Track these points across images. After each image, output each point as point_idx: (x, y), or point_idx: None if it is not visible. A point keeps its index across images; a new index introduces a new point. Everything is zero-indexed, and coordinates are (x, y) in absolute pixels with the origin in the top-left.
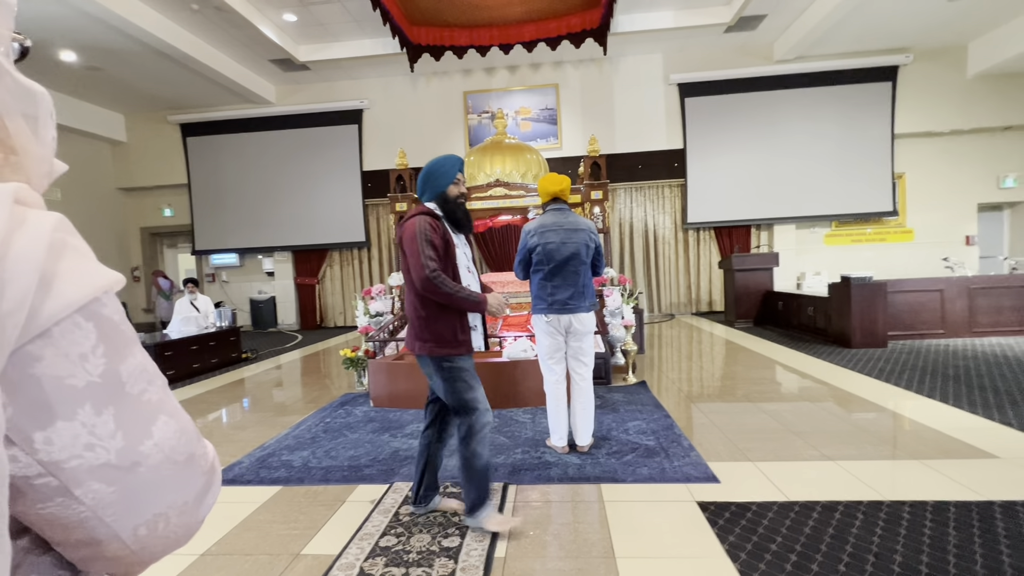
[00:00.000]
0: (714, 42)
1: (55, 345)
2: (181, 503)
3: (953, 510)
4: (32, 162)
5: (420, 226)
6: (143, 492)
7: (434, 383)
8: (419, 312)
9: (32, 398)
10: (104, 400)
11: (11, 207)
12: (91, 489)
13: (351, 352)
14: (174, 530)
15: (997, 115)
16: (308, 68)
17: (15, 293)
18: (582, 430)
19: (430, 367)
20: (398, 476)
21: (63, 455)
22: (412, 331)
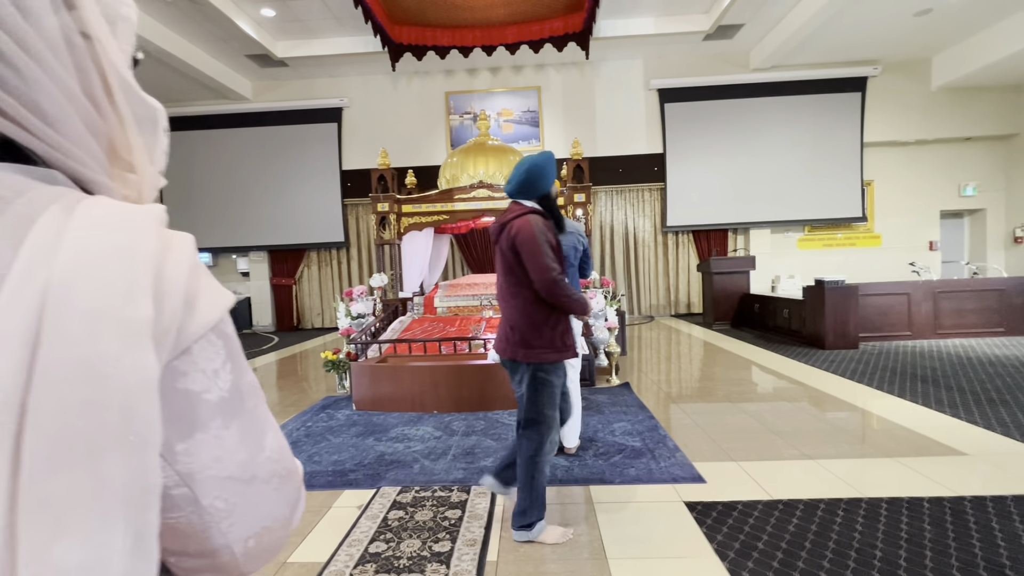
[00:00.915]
0: (693, 49)
1: (195, 361)
2: (283, 515)
3: (927, 506)
4: (145, 178)
5: (537, 226)
6: (257, 504)
7: (520, 388)
8: (531, 317)
9: (176, 411)
10: (231, 414)
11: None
12: (216, 500)
13: (332, 354)
14: (274, 542)
15: (959, 126)
16: (286, 64)
17: (168, 313)
18: (569, 432)
19: (523, 373)
20: (385, 480)
21: (197, 466)
22: (515, 336)
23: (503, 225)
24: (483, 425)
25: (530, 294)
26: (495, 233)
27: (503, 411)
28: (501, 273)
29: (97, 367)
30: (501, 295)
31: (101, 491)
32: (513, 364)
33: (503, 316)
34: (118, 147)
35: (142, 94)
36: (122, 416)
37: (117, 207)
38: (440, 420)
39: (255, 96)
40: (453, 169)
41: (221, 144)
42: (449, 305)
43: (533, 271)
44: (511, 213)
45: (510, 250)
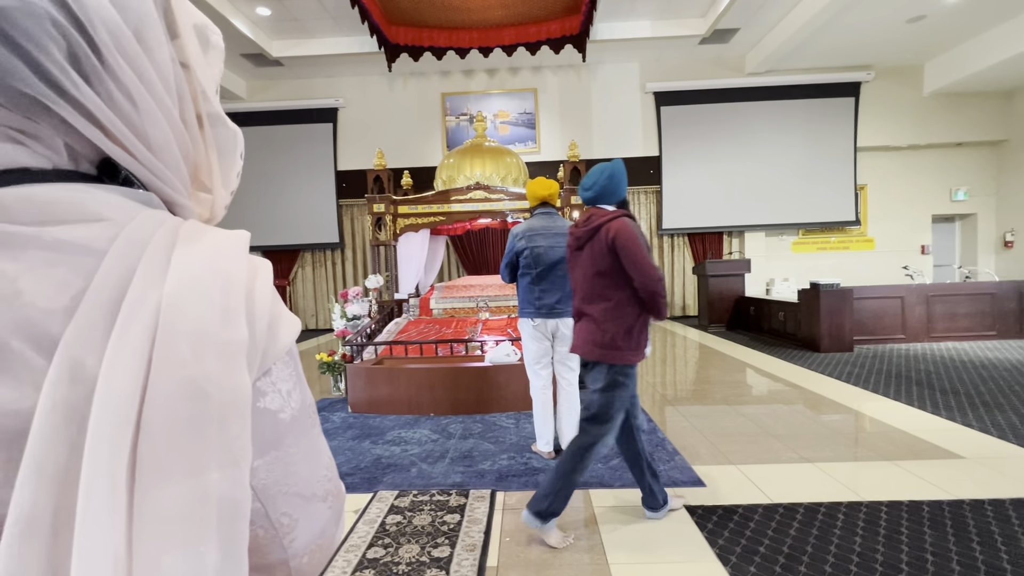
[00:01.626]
0: (689, 53)
1: (274, 382)
2: (331, 532)
3: (927, 509)
4: (218, 199)
5: (637, 229)
6: (314, 520)
7: (596, 393)
8: (626, 319)
9: (257, 429)
10: (299, 433)
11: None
12: (282, 516)
13: (327, 356)
14: (322, 557)
15: (950, 132)
16: (281, 64)
17: (258, 335)
18: (568, 435)
19: (603, 373)
20: (382, 484)
21: (270, 481)
22: (604, 338)
23: (596, 228)
24: (480, 428)
25: (624, 296)
26: (584, 236)
27: (500, 413)
28: (587, 276)
29: (201, 386)
30: (586, 297)
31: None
32: (593, 365)
33: (588, 318)
34: (200, 170)
35: (227, 120)
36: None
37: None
38: (437, 423)
39: (250, 96)
40: (449, 170)
41: None
42: (445, 307)
43: (637, 272)
44: (600, 216)
45: (608, 252)
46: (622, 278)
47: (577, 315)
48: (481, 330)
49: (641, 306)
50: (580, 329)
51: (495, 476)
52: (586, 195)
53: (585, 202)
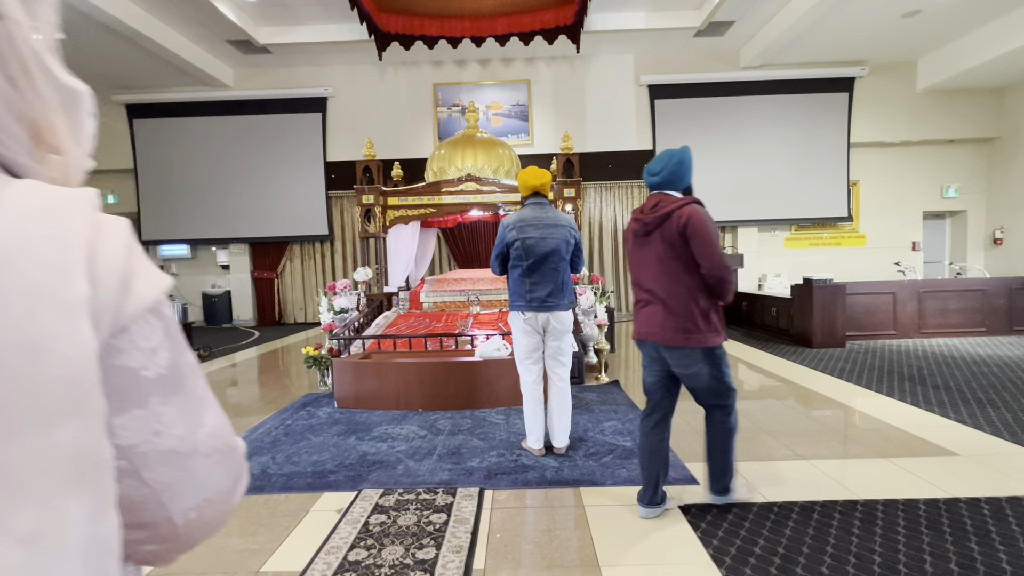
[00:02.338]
0: (684, 46)
1: (132, 340)
2: (225, 489)
3: (923, 508)
4: (71, 160)
5: (707, 216)
6: (197, 477)
7: (697, 373)
8: (699, 303)
9: (114, 387)
10: (170, 391)
11: (94, 214)
12: (156, 472)
13: (314, 350)
14: (215, 515)
15: (943, 128)
16: (269, 51)
17: (105, 292)
18: (559, 432)
19: (696, 358)
20: (367, 483)
21: (136, 440)
22: (682, 323)
23: (666, 214)
24: (469, 424)
25: (695, 282)
26: (653, 223)
27: (490, 409)
28: (658, 261)
29: (37, 342)
30: (656, 284)
31: (54, 459)
32: (680, 351)
33: (660, 304)
34: (42, 129)
35: (62, 76)
36: (66, 388)
37: (47, 190)
38: (425, 419)
39: (236, 84)
40: (440, 162)
41: (201, 133)
42: (436, 300)
43: (706, 258)
44: (670, 203)
45: (679, 237)
46: (693, 263)
47: (643, 302)
48: (472, 324)
49: (709, 291)
50: (651, 316)
51: (484, 474)
52: (653, 180)
53: (651, 187)
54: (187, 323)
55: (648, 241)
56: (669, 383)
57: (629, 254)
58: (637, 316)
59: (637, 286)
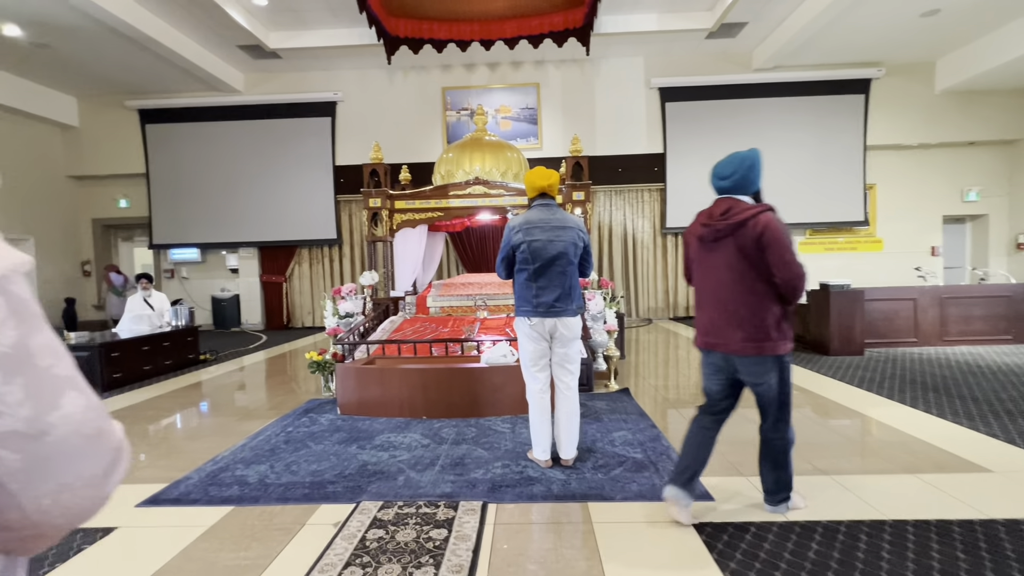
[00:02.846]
0: (695, 48)
1: None
2: (88, 475)
3: (957, 530)
4: None
5: (783, 224)
6: (49, 461)
7: (768, 382)
8: (773, 311)
9: None
10: (13, 369)
11: None
12: (1, 454)
13: (317, 355)
14: (79, 502)
15: (962, 130)
16: (279, 56)
17: None
18: (567, 442)
19: (769, 367)
20: (366, 494)
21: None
22: (759, 332)
23: (741, 222)
24: (474, 433)
25: (768, 288)
26: (725, 229)
27: (495, 417)
28: (728, 268)
29: None
30: (727, 290)
31: None
32: (752, 360)
33: (732, 314)
34: None
35: None
36: None
37: None
38: (429, 426)
39: (247, 89)
40: (448, 165)
41: (212, 137)
42: (442, 305)
43: (783, 267)
44: (743, 209)
45: (754, 246)
46: (767, 271)
47: (709, 309)
48: (478, 329)
49: (780, 297)
50: (721, 324)
51: (487, 486)
52: (722, 184)
53: (720, 192)
54: (194, 327)
55: (717, 247)
56: (733, 391)
57: (690, 259)
58: (701, 324)
59: (701, 292)
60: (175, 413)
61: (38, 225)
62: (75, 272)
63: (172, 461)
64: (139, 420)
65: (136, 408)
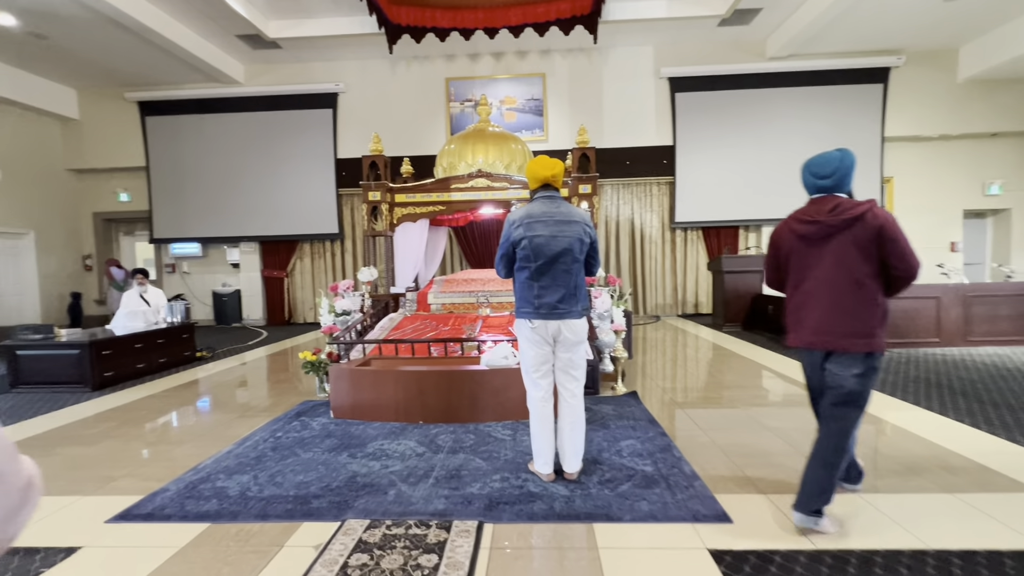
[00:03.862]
0: (707, 36)
1: None
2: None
3: (1010, 563)
4: None
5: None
6: None
7: (858, 376)
8: (880, 307)
9: None
10: None
11: None
12: None
13: (312, 355)
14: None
15: (985, 121)
16: (279, 46)
17: None
18: (571, 454)
19: (865, 361)
20: (352, 511)
21: None
22: (862, 327)
23: (856, 217)
24: (472, 440)
25: (875, 283)
26: (839, 225)
27: (495, 423)
28: (839, 264)
29: None
30: (840, 288)
31: None
32: (849, 355)
33: (839, 309)
34: None
35: None
36: None
37: None
38: (425, 432)
39: (247, 80)
40: (450, 157)
41: (211, 129)
42: (444, 302)
43: (902, 258)
44: (852, 205)
45: (873, 240)
46: (876, 266)
47: (811, 307)
48: (480, 328)
49: (887, 289)
50: (826, 321)
51: (484, 503)
52: (823, 183)
53: (818, 190)
54: (190, 323)
55: (827, 244)
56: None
57: (784, 259)
58: (806, 322)
59: (803, 291)
60: (163, 415)
61: (38, 219)
62: (76, 266)
63: (152, 469)
64: (126, 423)
65: (124, 409)
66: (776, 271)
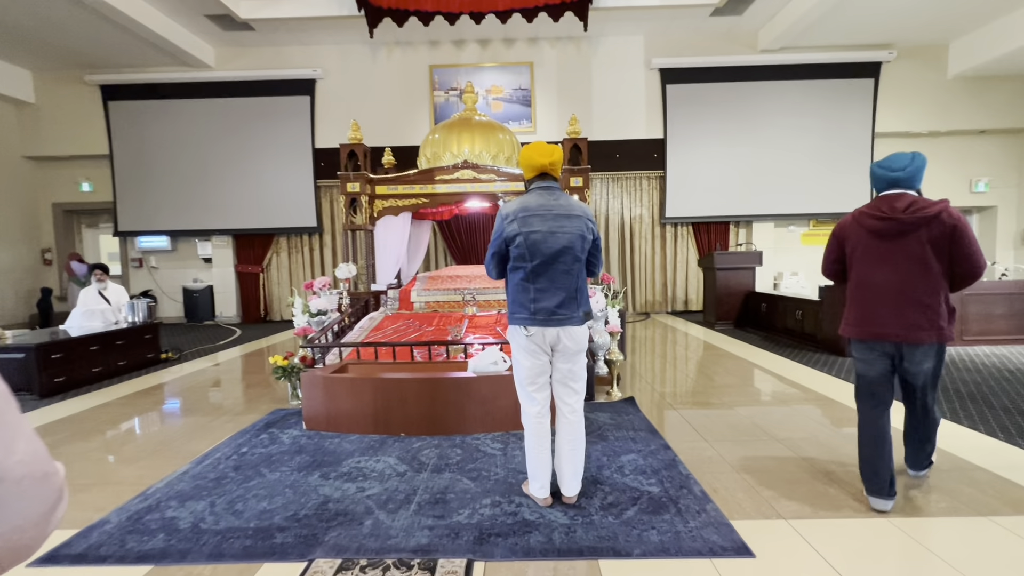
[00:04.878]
0: (699, 26)
1: None
2: (37, 516)
3: None
4: None
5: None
6: (6, 505)
7: (931, 366)
8: (947, 300)
9: None
10: None
11: None
12: None
13: (283, 360)
14: (27, 543)
15: (974, 118)
16: (252, 28)
17: None
18: (570, 477)
19: (936, 352)
20: (321, 548)
21: None
22: (939, 321)
23: (933, 215)
24: (459, 456)
25: (944, 280)
26: (915, 221)
27: (484, 434)
28: (912, 259)
29: None
30: (912, 283)
31: None
32: (923, 348)
33: (916, 304)
34: None
35: None
36: None
37: None
38: (407, 447)
39: (218, 64)
40: (434, 147)
41: (181, 116)
42: (428, 300)
43: (968, 259)
44: (927, 203)
45: (947, 237)
46: (947, 264)
47: (880, 301)
48: (466, 328)
49: (951, 286)
50: (896, 315)
51: (474, 534)
52: (897, 175)
53: (893, 183)
54: (154, 323)
55: (901, 240)
56: (890, 380)
57: (856, 251)
58: (873, 315)
59: (871, 285)
60: (115, 427)
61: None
62: (35, 261)
63: (93, 495)
64: (72, 436)
65: (73, 421)
66: (837, 263)
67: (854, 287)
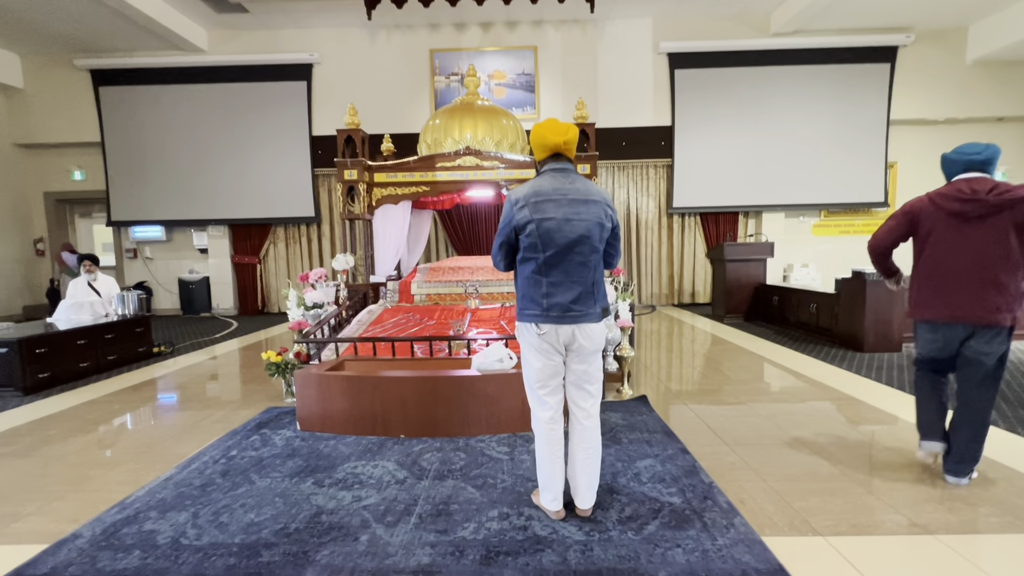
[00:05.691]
0: (709, 8)
1: None
2: None
3: None
4: None
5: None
6: None
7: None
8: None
9: None
10: None
11: None
12: None
13: (276, 355)
14: None
15: (992, 105)
16: (246, 10)
17: None
18: (584, 488)
19: (1006, 335)
20: (311, 568)
21: None
22: (1013, 303)
23: (1018, 199)
24: (463, 460)
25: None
26: (1001, 204)
27: (489, 437)
28: (996, 243)
29: None
30: (992, 266)
31: None
32: (995, 330)
33: (994, 286)
34: None
35: None
36: None
37: None
38: (407, 450)
39: (212, 48)
40: (435, 133)
41: (175, 102)
42: (429, 292)
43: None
44: (1013, 188)
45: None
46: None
47: (956, 284)
48: (469, 322)
49: None
50: (982, 297)
51: (480, 552)
52: (976, 158)
53: (972, 166)
54: (145, 315)
55: (983, 222)
56: (954, 362)
57: (931, 232)
58: (939, 296)
59: (948, 267)
60: (99, 427)
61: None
62: (27, 251)
63: (68, 504)
64: (54, 437)
65: (55, 419)
66: (899, 241)
67: (928, 269)
